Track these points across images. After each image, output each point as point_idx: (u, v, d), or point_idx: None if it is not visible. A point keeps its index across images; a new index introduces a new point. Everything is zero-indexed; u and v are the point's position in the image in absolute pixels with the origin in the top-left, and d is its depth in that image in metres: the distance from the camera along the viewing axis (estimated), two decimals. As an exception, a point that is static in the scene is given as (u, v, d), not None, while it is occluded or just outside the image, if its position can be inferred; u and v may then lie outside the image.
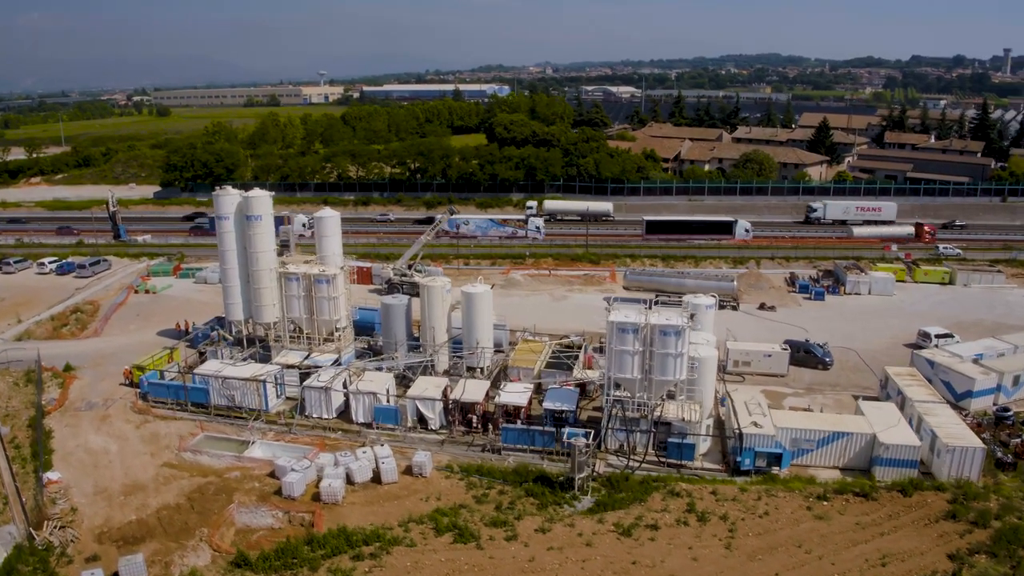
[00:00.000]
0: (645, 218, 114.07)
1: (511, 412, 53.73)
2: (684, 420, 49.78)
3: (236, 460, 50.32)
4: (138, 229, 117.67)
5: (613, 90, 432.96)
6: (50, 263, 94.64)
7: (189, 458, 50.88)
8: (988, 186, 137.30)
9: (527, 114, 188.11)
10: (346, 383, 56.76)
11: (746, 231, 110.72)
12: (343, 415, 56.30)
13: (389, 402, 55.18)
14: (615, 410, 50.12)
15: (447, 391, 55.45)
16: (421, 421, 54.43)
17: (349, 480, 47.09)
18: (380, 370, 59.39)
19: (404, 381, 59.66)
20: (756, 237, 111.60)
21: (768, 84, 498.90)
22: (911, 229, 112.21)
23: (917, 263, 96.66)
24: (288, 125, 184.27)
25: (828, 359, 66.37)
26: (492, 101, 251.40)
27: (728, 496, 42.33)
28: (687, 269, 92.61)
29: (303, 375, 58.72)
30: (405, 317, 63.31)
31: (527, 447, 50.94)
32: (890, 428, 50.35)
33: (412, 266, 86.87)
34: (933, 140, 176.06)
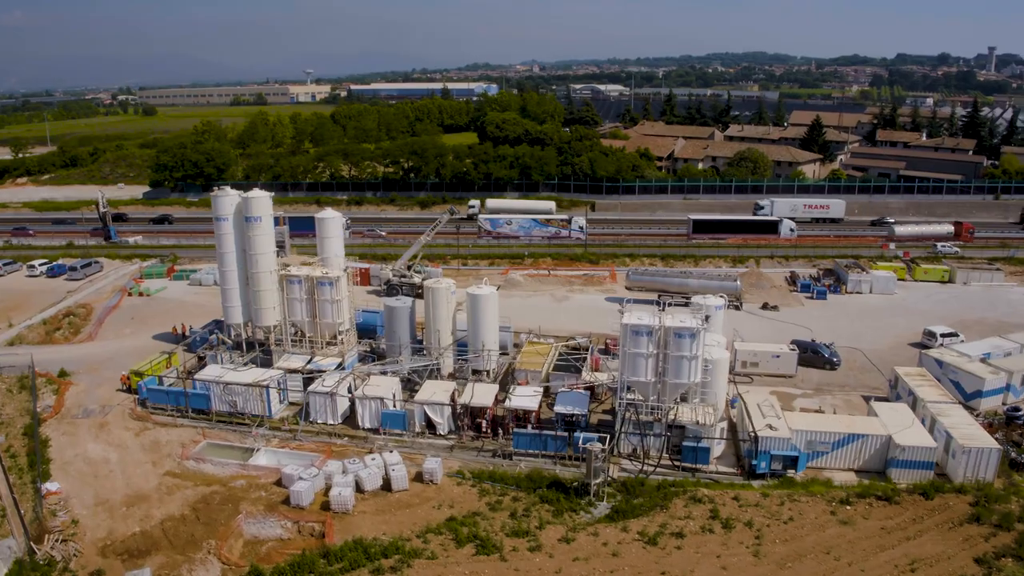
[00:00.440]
0: (692, 217, 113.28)
1: (520, 416, 52.78)
2: (699, 423, 49.03)
3: (241, 468, 49.03)
4: (127, 230, 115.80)
5: (601, 88, 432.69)
6: (40, 265, 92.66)
7: (192, 467, 49.53)
8: (981, 184, 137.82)
9: (518, 112, 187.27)
10: (351, 388, 55.59)
11: (791, 230, 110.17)
12: (348, 420, 55.12)
13: (396, 407, 54.08)
14: (628, 414, 49.30)
15: (455, 395, 54.44)
16: (429, 426, 53.36)
17: (358, 488, 45.95)
18: (385, 374, 58.24)
19: (409, 385, 58.62)
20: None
21: (755, 82, 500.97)
22: (951, 228, 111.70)
23: (916, 261, 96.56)
24: (277, 124, 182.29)
25: (835, 359, 65.88)
26: (482, 99, 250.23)
27: (751, 502, 41.57)
28: (690, 269, 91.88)
29: (306, 380, 57.51)
30: (409, 319, 62.18)
31: (539, 452, 50.01)
32: (905, 429, 49.84)
33: (411, 267, 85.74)
34: (924, 138, 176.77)
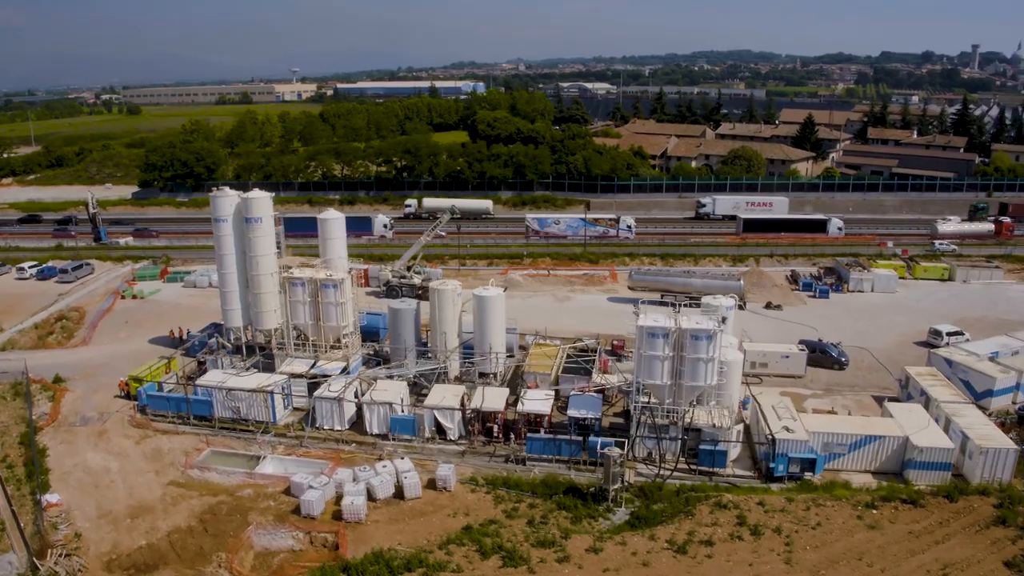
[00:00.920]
0: (742, 217, 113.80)
1: (532, 420, 51.77)
2: (715, 426, 48.25)
3: (248, 477, 47.65)
4: (117, 231, 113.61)
5: (589, 87, 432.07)
6: (30, 268, 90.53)
7: (197, 475, 48.10)
8: (974, 181, 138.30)
9: (507, 111, 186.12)
10: (358, 392, 54.36)
11: (839, 229, 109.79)
12: (355, 426, 53.91)
13: (404, 412, 52.92)
14: (644, 417, 48.43)
15: (464, 400, 53.35)
16: (439, 431, 52.25)
17: (370, 496, 44.75)
18: (391, 378, 57.06)
19: (415, 389, 57.47)
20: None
21: (741, 80, 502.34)
22: (991, 226, 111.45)
23: (914, 259, 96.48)
24: (266, 123, 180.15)
25: (844, 359, 65.42)
26: (471, 98, 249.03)
27: (776, 507, 40.81)
28: (693, 268, 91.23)
29: (311, 385, 56.22)
30: (414, 322, 61.00)
31: (553, 457, 49.03)
32: (922, 431, 49.32)
33: (411, 267, 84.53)
34: (915, 136, 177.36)
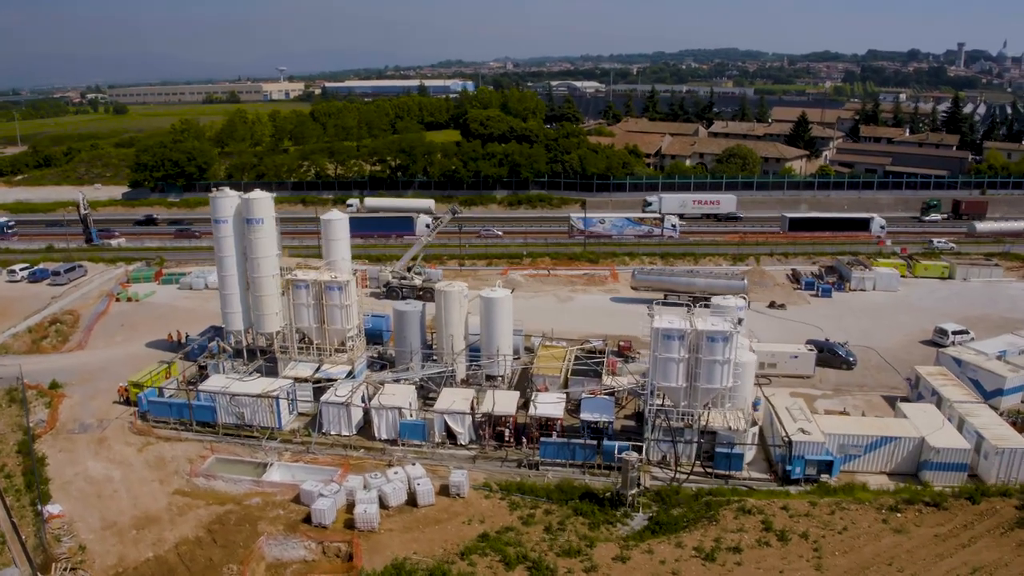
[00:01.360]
0: (787, 215, 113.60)
1: (543, 424, 50.91)
2: (731, 428, 47.60)
3: (255, 485, 46.52)
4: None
5: (577, 85, 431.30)
6: (21, 270, 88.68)
7: (202, 484, 46.89)
8: (968, 179, 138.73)
9: (499, 109, 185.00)
10: (365, 397, 53.31)
11: (881, 227, 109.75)
12: (362, 431, 52.85)
13: (412, 416, 51.93)
14: (659, 420, 47.72)
15: (474, 403, 52.42)
16: (449, 436, 51.28)
17: (382, 503, 43.73)
18: (397, 382, 56.04)
19: (421, 392, 56.46)
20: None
21: (729, 78, 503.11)
22: None
23: (913, 257, 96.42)
24: (256, 122, 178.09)
25: (852, 359, 65.04)
26: (462, 97, 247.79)
27: (801, 511, 40.21)
28: (696, 268, 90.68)
29: (316, 389, 55.10)
30: (420, 324, 59.99)
31: (567, 461, 48.20)
32: (938, 431, 48.92)
33: (411, 268, 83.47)
34: (907, 134, 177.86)
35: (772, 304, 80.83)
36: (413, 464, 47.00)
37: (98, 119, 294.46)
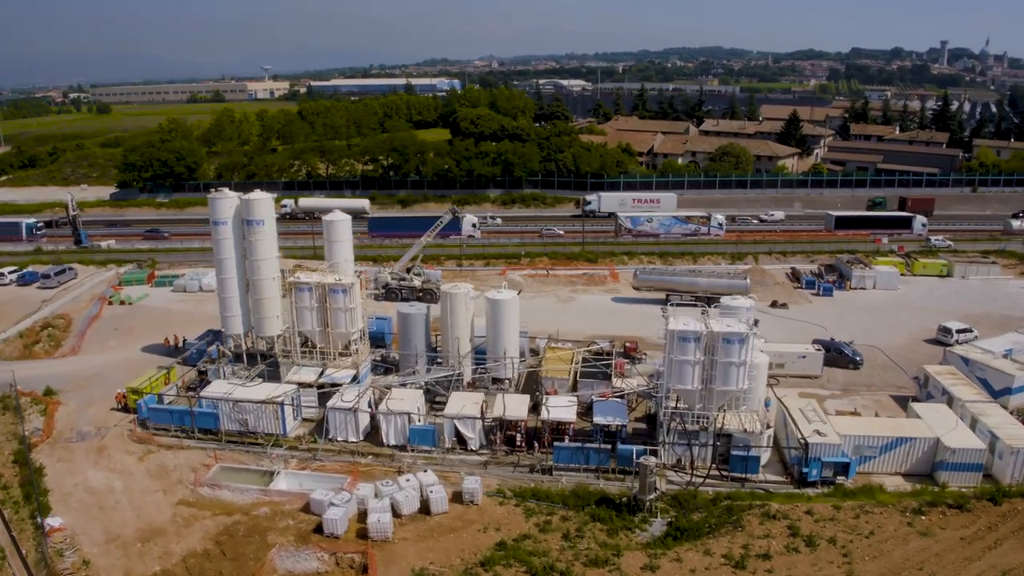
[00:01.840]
0: (832, 214, 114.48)
1: (555, 428, 50.02)
2: (746, 431, 46.96)
3: (262, 494, 45.29)
4: (97, 234, 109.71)
5: (564, 83, 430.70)
6: (10, 273, 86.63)
7: (208, 493, 45.61)
8: (959, 177, 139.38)
9: (487, 108, 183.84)
10: (372, 402, 52.20)
11: (923, 225, 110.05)
12: (369, 437, 51.76)
13: (421, 421, 50.88)
14: (674, 423, 46.99)
15: (483, 407, 51.45)
16: (459, 441, 50.29)
17: (395, 512, 42.70)
18: (404, 386, 54.96)
19: (427, 396, 55.40)
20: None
21: (714, 77, 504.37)
22: None
23: (911, 255, 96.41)
24: (244, 121, 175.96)
25: (858, 358, 64.71)
26: (450, 95, 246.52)
27: (826, 516, 39.62)
28: (699, 267, 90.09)
29: (321, 394, 53.91)
30: (425, 327, 58.91)
31: (580, 466, 47.36)
32: (953, 431, 48.55)
33: (410, 269, 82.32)
34: (897, 132, 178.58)
35: (774, 303, 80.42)
36: (424, 471, 45.99)
37: (82, 119, 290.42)
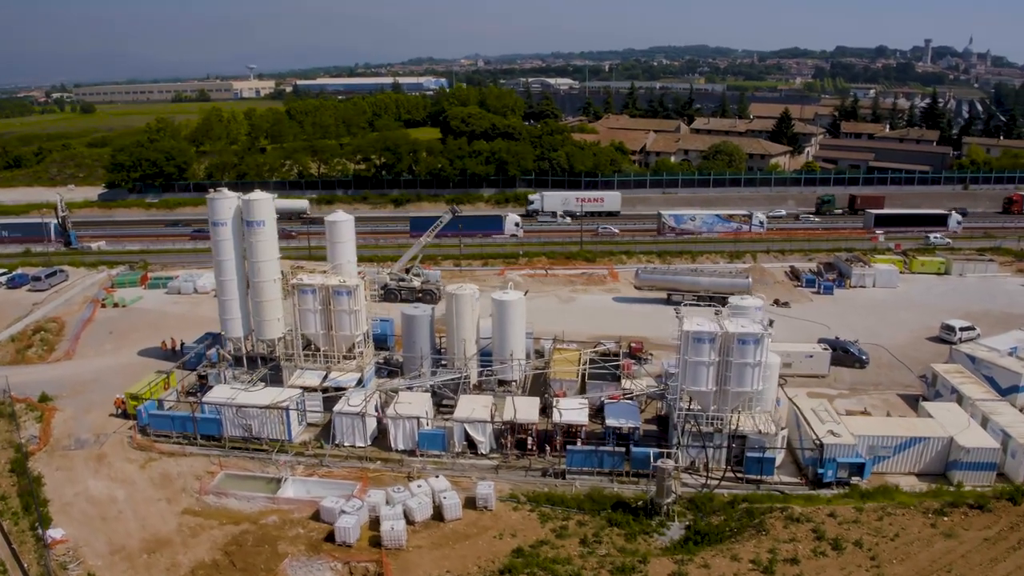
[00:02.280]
0: (873, 212, 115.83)
1: (566, 431, 49.27)
2: (760, 432, 46.42)
3: (270, 502, 44.22)
4: (85, 235, 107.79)
5: (551, 82, 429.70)
6: (0, 275, 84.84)
7: (213, 502, 44.49)
8: (950, 174, 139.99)
9: (477, 107, 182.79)
10: (379, 406, 51.21)
11: (958, 222, 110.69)
12: (376, 441, 50.78)
13: (429, 425, 49.97)
14: (689, 425, 46.38)
15: (493, 411, 50.60)
16: (469, 445, 49.43)
17: (407, 519, 41.79)
18: (410, 389, 54.01)
19: (435, 399, 54.51)
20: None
21: (700, 75, 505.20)
22: None
23: (907, 253, 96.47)
24: (232, 121, 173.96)
25: (864, 357, 64.43)
26: (439, 94, 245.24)
27: (849, 518, 39.10)
28: (701, 267, 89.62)
29: (326, 399, 52.86)
30: (430, 328, 57.96)
31: (594, 470, 46.64)
32: (966, 430, 48.29)
33: (410, 270, 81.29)
34: (888, 130, 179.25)
35: (776, 302, 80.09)
36: (436, 476, 45.09)
37: (66, 118, 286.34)
